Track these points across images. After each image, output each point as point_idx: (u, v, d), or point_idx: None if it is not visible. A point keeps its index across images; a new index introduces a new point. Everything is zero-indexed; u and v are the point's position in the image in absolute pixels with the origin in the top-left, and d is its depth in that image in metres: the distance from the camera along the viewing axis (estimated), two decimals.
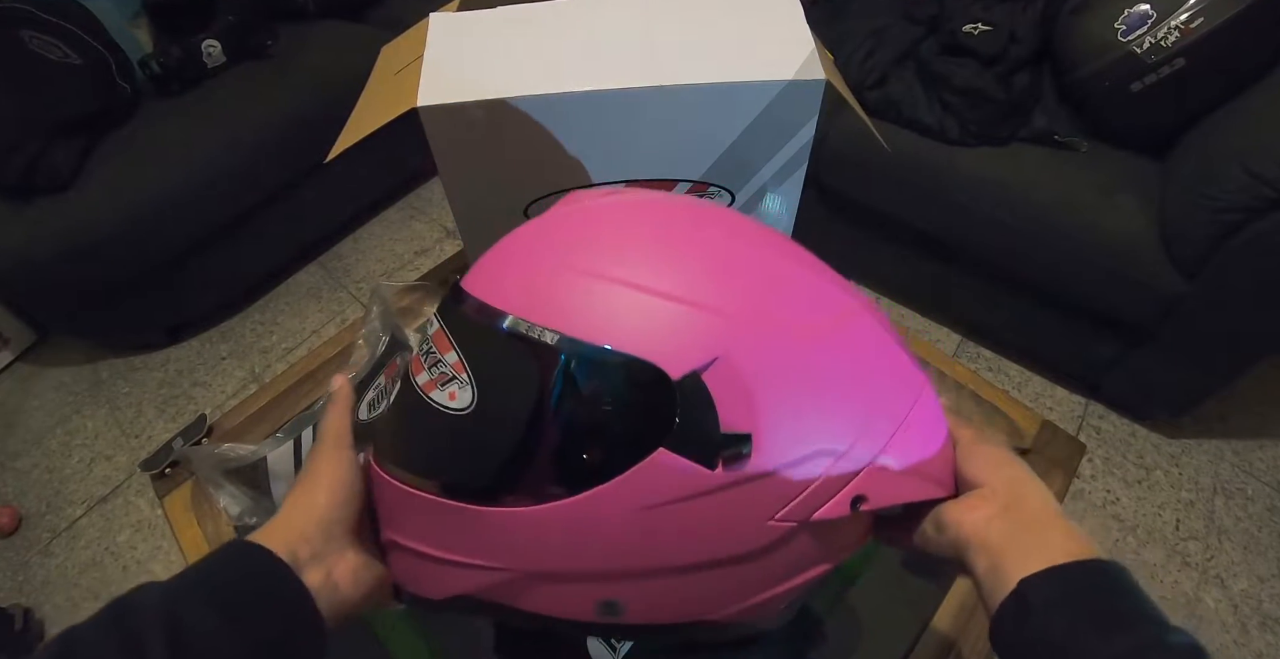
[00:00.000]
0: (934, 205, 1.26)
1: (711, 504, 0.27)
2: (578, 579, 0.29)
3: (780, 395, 0.28)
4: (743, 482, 0.27)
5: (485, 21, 0.54)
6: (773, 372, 0.28)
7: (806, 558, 0.31)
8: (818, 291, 0.31)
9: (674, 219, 0.32)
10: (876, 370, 0.31)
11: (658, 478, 0.27)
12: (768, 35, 0.52)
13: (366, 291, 1.68)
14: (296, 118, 1.50)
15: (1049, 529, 0.29)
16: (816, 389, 0.29)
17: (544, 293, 0.29)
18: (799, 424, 0.28)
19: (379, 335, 0.62)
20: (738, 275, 0.30)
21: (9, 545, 1.33)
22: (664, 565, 0.29)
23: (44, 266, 1.29)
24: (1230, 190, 0.97)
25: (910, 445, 0.31)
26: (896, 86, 1.25)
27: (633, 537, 0.28)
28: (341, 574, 0.31)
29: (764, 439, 0.27)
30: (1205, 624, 1.13)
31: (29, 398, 1.57)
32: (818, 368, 0.29)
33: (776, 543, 0.29)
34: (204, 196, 1.41)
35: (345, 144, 0.51)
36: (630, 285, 0.28)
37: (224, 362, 1.59)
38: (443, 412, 0.29)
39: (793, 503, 0.28)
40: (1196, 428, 1.35)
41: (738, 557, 0.29)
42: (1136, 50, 1.07)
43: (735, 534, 0.29)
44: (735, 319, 0.28)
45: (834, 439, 0.29)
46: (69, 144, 1.31)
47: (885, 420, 0.31)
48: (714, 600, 0.31)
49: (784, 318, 0.29)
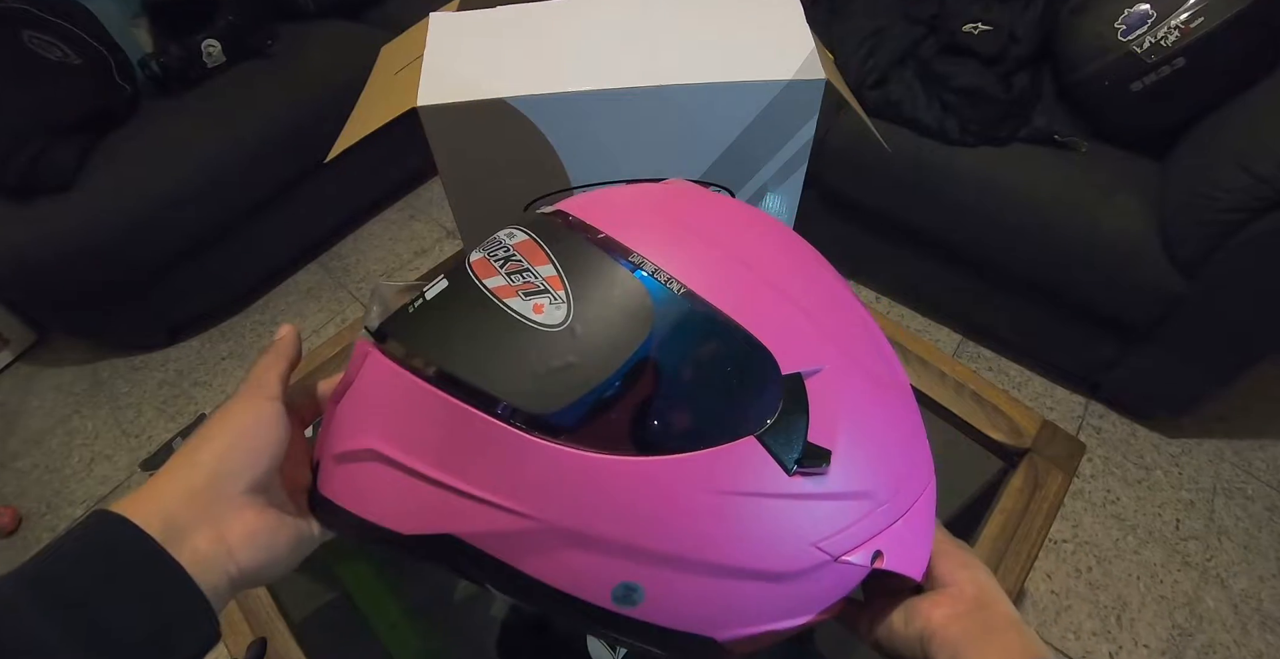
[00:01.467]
0: (934, 205, 1.26)
1: (772, 510, 0.27)
2: (610, 550, 0.26)
3: (856, 425, 0.29)
4: (807, 497, 0.27)
5: (485, 21, 0.54)
6: (854, 400, 0.29)
7: (817, 599, 0.31)
8: (888, 353, 0.34)
9: (773, 228, 0.34)
10: (914, 439, 0.33)
11: (738, 465, 0.26)
12: (768, 35, 0.52)
13: (366, 291, 1.68)
14: (296, 117, 1.50)
15: (1009, 632, 0.31)
16: (881, 433, 0.30)
17: (680, 248, 0.29)
18: (863, 459, 0.29)
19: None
20: (834, 305, 0.31)
21: (9, 545, 1.33)
22: (703, 558, 0.27)
23: (44, 267, 1.29)
24: (1230, 190, 0.97)
25: (918, 523, 0.32)
26: (896, 86, 1.25)
27: (691, 518, 0.26)
28: (237, 536, 0.26)
29: (841, 462, 0.28)
30: (1205, 624, 1.13)
31: (29, 398, 1.57)
32: (884, 414, 0.31)
33: (805, 572, 0.29)
34: (204, 196, 1.41)
35: (345, 144, 0.51)
36: (753, 269, 0.29)
37: (224, 362, 1.59)
38: (523, 321, 0.27)
39: (836, 535, 0.29)
40: (1196, 428, 1.35)
41: (768, 573, 0.28)
42: (1136, 50, 1.07)
43: (778, 548, 0.28)
44: (836, 341, 0.29)
45: (880, 486, 0.30)
46: (69, 144, 1.31)
47: (911, 489, 0.32)
48: (726, 615, 0.30)
49: (868, 361, 0.31)
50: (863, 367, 0.30)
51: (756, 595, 0.29)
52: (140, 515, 0.24)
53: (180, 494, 0.26)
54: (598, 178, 0.56)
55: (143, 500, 0.25)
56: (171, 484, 0.26)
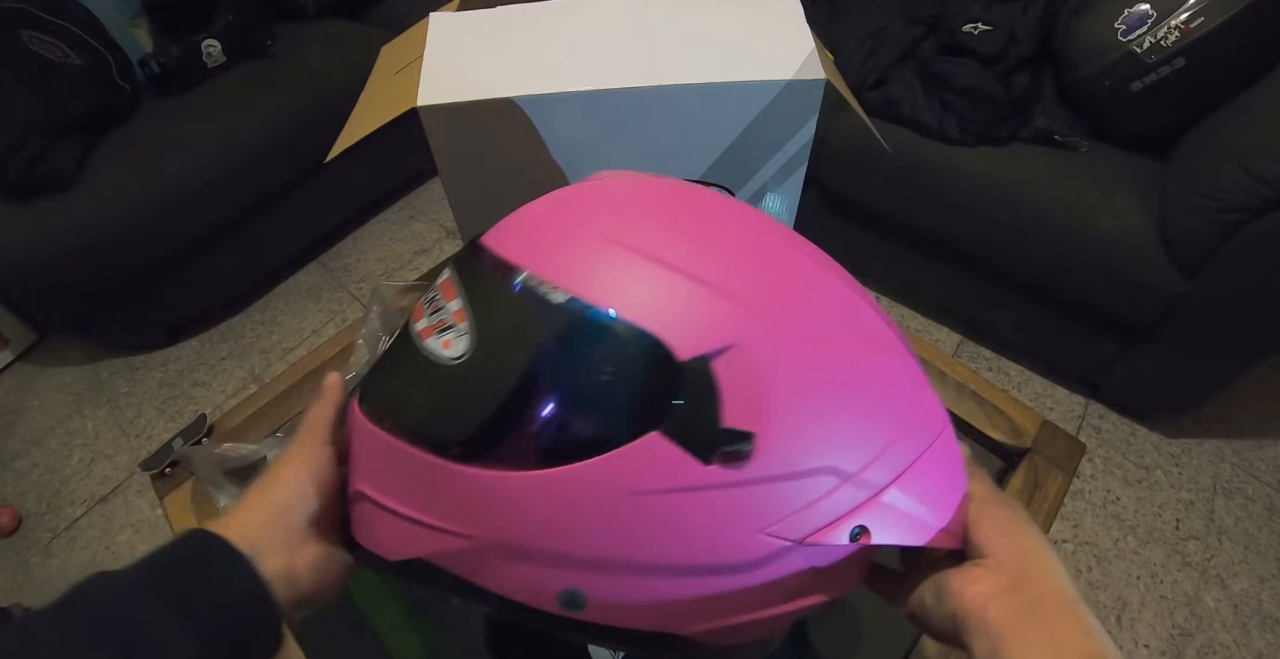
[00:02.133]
0: (934, 205, 1.26)
1: (701, 503, 0.26)
2: (543, 560, 0.27)
3: (795, 399, 0.26)
4: (739, 484, 0.26)
5: (485, 21, 0.54)
6: (791, 373, 0.26)
7: (795, 585, 0.29)
8: (853, 309, 0.30)
9: (709, 205, 0.31)
10: (899, 399, 0.29)
11: (647, 463, 0.25)
12: (768, 35, 0.52)
13: (366, 291, 1.68)
14: (296, 118, 1.50)
15: (1059, 617, 0.26)
16: (834, 403, 0.27)
17: (560, 252, 0.28)
18: (810, 434, 0.27)
19: (379, 335, 0.62)
20: (768, 272, 0.29)
21: (9, 545, 1.33)
22: (639, 560, 0.27)
23: (44, 266, 1.29)
24: (1230, 190, 0.97)
25: (924, 486, 0.29)
26: (896, 86, 1.25)
27: (611, 522, 0.26)
28: (303, 564, 0.30)
29: (770, 442, 0.26)
30: (1205, 624, 1.13)
31: (29, 398, 1.57)
32: (839, 381, 0.28)
33: (762, 560, 0.27)
34: (204, 196, 1.41)
35: (345, 144, 0.51)
36: (650, 257, 0.27)
37: (224, 361, 1.59)
38: (434, 360, 0.28)
39: (788, 518, 0.27)
40: (1196, 428, 1.35)
41: (718, 567, 0.27)
42: (1136, 50, 1.07)
43: (721, 541, 0.27)
44: (758, 311, 0.27)
45: (844, 459, 0.27)
46: (69, 144, 1.31)
47: (901, 453, 0.29)
48: (684, 612, 0.28)
49: (812, 325, 0.28)
50: (804, 328, 0.27)
51: (711, 589, 0.28)
52: (229, 537, 0.28)
53: (258, 524, 0.29)
54: None
55: (228, 526, 0.29)
56: (250, 515, 0.30)
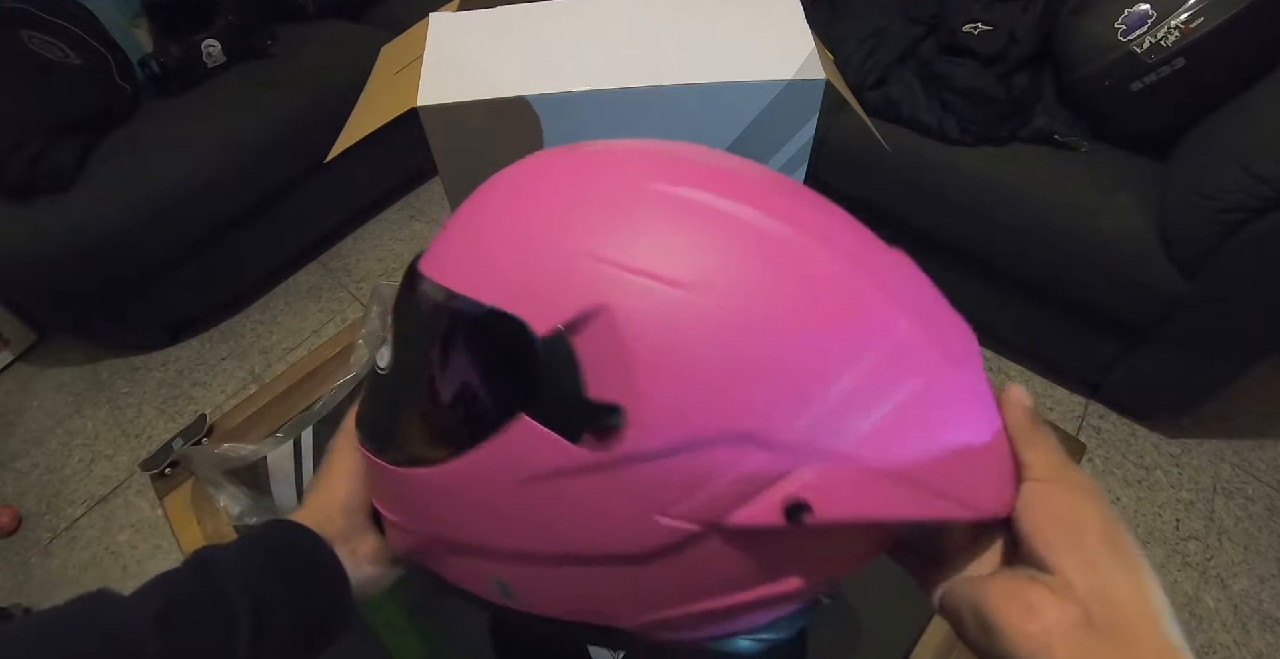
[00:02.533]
0: (934, 205, 1.26)
1: (586, 487, 0.23)
2: (469, 551, 0.28)
3: (676, 359, 0.22)
4: (618, 463, 0.22)
5: (485, 21, 0.55)
6: (667, 329, 0.22)
7: (741, 571, 0.25)
8: (770, 212, 0.25)
9: (589, 163, 0.29)
10: (845, 334, 0.23)
11: (521, 448, 0.23)
12: (768, 35, 0.52)
13: (366, 291, 1.68)
14: (296, 118, 1.50)
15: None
16: (735, 354, 0.22)
17: (446, 250, 0.28)
18: (701, 397, 0.22)
19: (379, 335, 0.62)
20: (642, 210, 0.24)
21: (9, 545, 1.33)
22: (545, 550, 0.25)
23: (44, 267, 1.29)
24: (1230, 190, 0.97)
25: (906, 441, 0.23)
26: (896, 86, 1.25)
27: (508, 512, 0.25)
28: (364, 552, 0.33)
29: (649, 412, 0.22)
30: (1205, 624, 1.13)
31: (29, 398, 1.57)
32: (740, 326, 0.22)
33: (675, 546, 0.24)
34: (204, 196, 1.41)
35: (345, 144, 0.51)
36: (509, 235, 0.25)
37: (224, 361, 1.59)
38: (375, 371, 0.31)
39: (687, 498, 0.23)
40: (1196, 428, 1.35)
41: (623, 556, 0.24)
42: (1136, 50, 1.07)
43: (617, 527, 0.24)
44: (622, 264, 0.23)
45: (757, 421, 0.22)
46: (69, 144, 1.31)
47: (859, 405, 0.22)
48: (612, 602, 0.26)
49: (691, 262, 0.23)
50: (678, 271, 0.23)
51: (633, 579, 0.25)
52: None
53: (325, 516, 0.32)
54: None
55: (301, 517, 0.32)
56: (316, 511, 0.33)
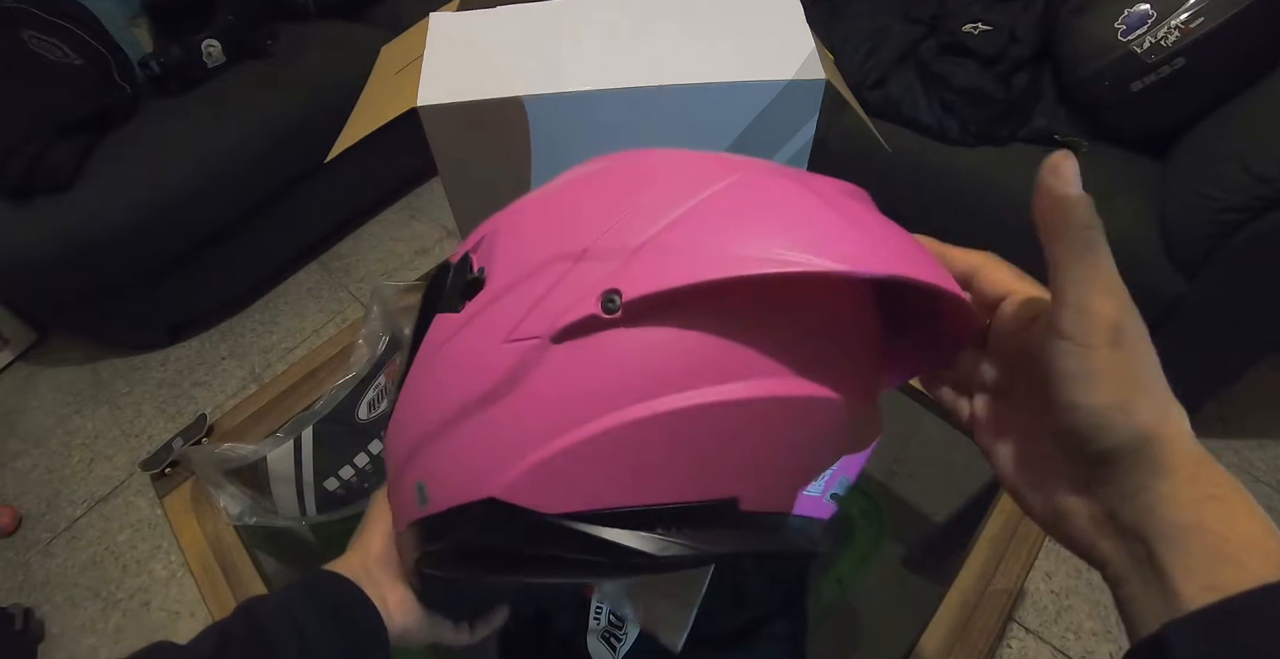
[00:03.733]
0: (934, 205, 1.26)
1: (462, 340, 0.26)
2: (403, 462, 0.30)
3: (512, 226, 0.28)
4: (480, 311, 0.26)
5: (485, 21, 0.55)
6: (515, 211, 0.30)
7: (568, 399, 0.24)
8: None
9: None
10: (638, 171, 0.28)
11: (433, 336, 0.28)
12: (768, 35, 0.52)
13: (366, 291, 1.68)
14: (296, 118, 1.50)
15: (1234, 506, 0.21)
16: (544, 205, 0.29)
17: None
18: (528, 241, 0.27)
19: (379, 335, 0.62)
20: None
21: (9, 545, 1.33)
22: (434, 417, 0.27)
23: (44, 266, 1.29)
24: (1230, 190, 0.97)
25: (717, 223, 0.24)
26: (896, 86, 1.25)
27: (421, 391, 0.29)
28: (394, 603, 0.34)
29: (498, 261, 0.27)
30: None
31: (29, 398, 1.57)
32: (553, 188, 0.30)
33: (520, 371, 0.24)
34: (204, 196, 1.41)
35: (345, 144, 0.51)
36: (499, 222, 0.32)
37: (224, 361, 1.59)
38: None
39: (528, 318, 0.24)
40: (1196, 428, 1.31)
41: (488, 393, 0.25)
42: (1136, 50, 1.07)
43: (478, 365, 0.25)
44: (514, 204, 0.31)
45: (568, 241, 0.25)
46: (69, 144, 1.31)
47: (665, 205, 0.24)
48: (484, 458, 0.26)
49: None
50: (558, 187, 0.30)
51: (502, 422, 0.25)
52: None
53: (360, 567, 0.34)
54: None
55: (339, 568, 0.34)
56: (353, 561, 0.35)
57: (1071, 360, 0.22)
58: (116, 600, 1.24)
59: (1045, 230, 0.23)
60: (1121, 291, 0.22)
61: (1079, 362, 0.22)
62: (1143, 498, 0.21)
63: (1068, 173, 0.22)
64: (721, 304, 0.24)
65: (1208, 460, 0.22)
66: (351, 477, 0.57)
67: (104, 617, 1.22)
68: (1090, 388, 0.22)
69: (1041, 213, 0.23)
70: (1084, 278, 0.22)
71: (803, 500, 0.27)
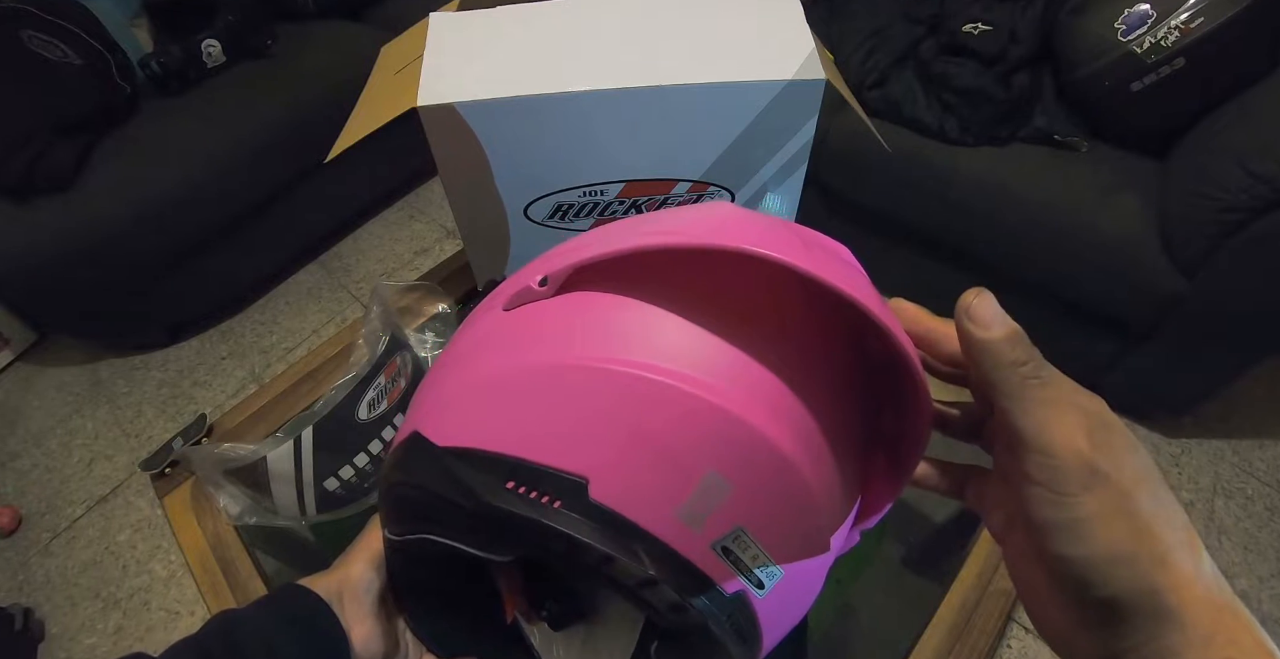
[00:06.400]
0: (934, 205, 1.26)
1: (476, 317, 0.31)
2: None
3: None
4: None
5: (485, 21, 0.55)
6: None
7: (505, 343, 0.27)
8: None
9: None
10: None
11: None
12: (768, 35, 0.52)
13: (366, 291, 1.68)
14: (296, 118, 1.50)
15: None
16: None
17: None
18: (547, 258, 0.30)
19: (379, 335, 0.62)
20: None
21: (9, 545, 1.33)
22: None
23: (44, 267, 1.29)
24: (1230, 190, 0.97)
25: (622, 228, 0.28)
26: (896, 86, 1.25)
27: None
28: (358, 637, 0.32)
29: None
30: None
31: (29, 398, 1.57)
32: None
33: (484, 330, 0.29)
34: (204, 196, 1.41)
35: (345, 144, 0.51)
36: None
37: (224, 361, 1.59)
38: None
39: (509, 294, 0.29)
40: (1196, 428, 1.35)
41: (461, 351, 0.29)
42: (1136, 50, 1.07)
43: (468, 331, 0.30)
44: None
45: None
46: (69, 144, 1.31)
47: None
48: (428, 398, 0.29)
49: None
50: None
51: (441, 368, 0.30)
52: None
53: (335, 590, 0.32)
54: (598, 177, 0.56)
55: (316, 586, 0.33)
56: (329, 583, 0.33)
57: (1050, 510, 0.20)
58: (116, 600, 1.24)
59: (979, 378, 0.21)
60: (1086, 420, 0.20)
61: (1057, 512, 0.19)
62: (1152, 649, 0.19)
63: (984, 314, 0.20)
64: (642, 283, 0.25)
65: (1229, 607, 0.19)
66: (351, 477, 0.57)
67: (104, 617, 1.22)
68: (1076, 538, 0.19)
69: (973, 364, 0.21)
70: (1037, 419, 0.20)
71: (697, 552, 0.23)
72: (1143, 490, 0.19)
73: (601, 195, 0.58)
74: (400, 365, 0.60)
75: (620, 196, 0.58)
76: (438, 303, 0.71)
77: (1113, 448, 0.19)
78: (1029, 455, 0.20)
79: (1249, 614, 0.19)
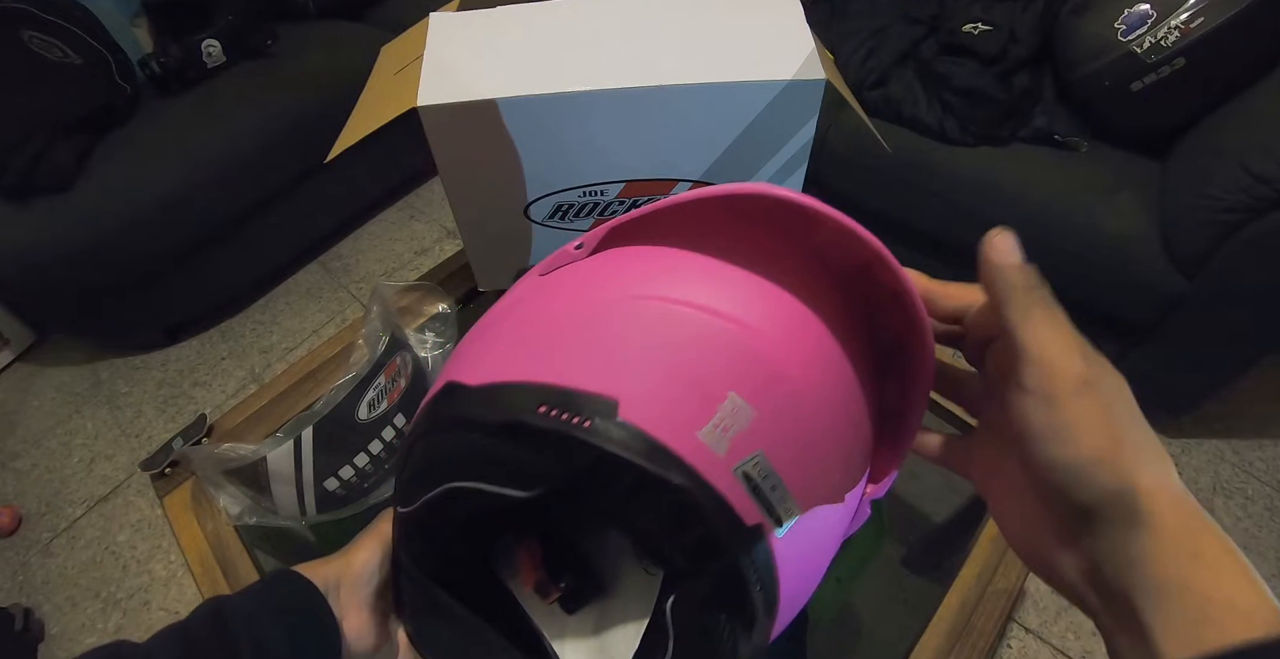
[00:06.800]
0: (934, 205, 1.26)
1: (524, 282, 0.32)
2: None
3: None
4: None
5: (485, 21, 0.55)
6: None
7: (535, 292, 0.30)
8: None
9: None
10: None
11: None
12: (768, 35, 0.52)
13: (366, 291, 1.68)
14: (296, 118, 1.50)
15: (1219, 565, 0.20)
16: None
17: None
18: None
19: (379, 335, 0.62)
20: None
21: (9, 545, 1.33)
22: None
23: (44, 267, 1.29)
24: (1230, 190, 0.97)
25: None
26: (896, 86, 1.25)
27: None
28: (350, 627, 0.32)
29: None
30: None
31: (29, 398, 1.57)
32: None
33: (526, 292, 0.31)
34: (204, 196, 1.41)
35: (345, 144, 0.51)
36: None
37: (224, 361, 1.59)
38: None
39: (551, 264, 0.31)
40: (1196, 428, 1.35)
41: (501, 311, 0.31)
42: (1136, 50, 1.07)
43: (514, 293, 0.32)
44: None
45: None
46: (69, 144, 1.31)
47: None
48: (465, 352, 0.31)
49: None
50: None
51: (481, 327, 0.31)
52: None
53: (333, 579, 0.33)
54: (598, 177, 0.56)
55: (310, 572, 0.33)
56: (329, 570, 0.33)
57: (1039, 414, 0.21)
58: (116, 600, 1.24)
59: (993, 298, 0.23)
60: (1082, 345, 0.22)
61: (1047, 414, 0.21)
62: (1124, 553, 0.20)
63: (1006, 246, 0.23)
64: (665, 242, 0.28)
65: (1196, 513, 0.20)
66: (351, 477, 0.57)
67: (104, 617, 1.22)
68: (1062, 441, 0.21)
69: (987, 284, 0.23)
70: (1040, 333, 0.22)
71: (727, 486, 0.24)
72: (1122, 406, 0.21)
73: (601, 195, 0.58)
74: (400, 365, 0.60)
75: (620, 196, 0.58)
76: (438, 303, 0.71)
77: (1101, 368, 0.22)
78: (1028, 367, 0.22)
79: (1215, 522, 0.21)
